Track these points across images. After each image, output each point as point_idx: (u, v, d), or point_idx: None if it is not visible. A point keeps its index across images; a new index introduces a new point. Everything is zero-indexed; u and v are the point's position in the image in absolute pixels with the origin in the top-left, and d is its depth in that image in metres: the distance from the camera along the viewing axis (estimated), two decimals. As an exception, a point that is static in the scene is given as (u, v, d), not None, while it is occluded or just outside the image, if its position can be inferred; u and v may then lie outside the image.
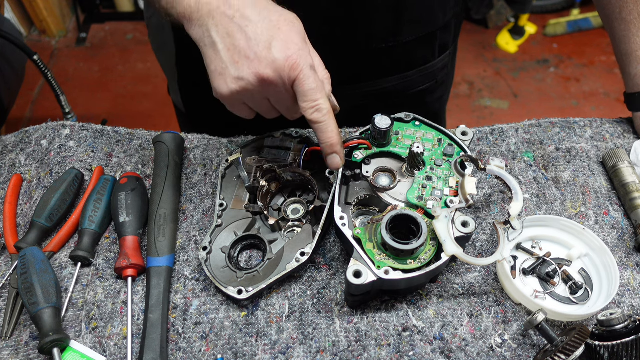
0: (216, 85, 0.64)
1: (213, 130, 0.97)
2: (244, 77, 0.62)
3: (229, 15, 0.62)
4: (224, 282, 0.73)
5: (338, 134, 0.67)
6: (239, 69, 0.62)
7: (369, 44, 0.94)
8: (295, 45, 0.62)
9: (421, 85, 1.08)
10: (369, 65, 1.00)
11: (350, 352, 0.70)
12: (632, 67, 0.93)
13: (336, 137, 0.67)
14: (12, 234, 0.80)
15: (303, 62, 0.62)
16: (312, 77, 0.63)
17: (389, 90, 1.04)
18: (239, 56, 0.62)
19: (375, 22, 0.91)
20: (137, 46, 3.28)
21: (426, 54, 1.04)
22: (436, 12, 0.97)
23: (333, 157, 0.69)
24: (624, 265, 0.79)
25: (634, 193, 0.83)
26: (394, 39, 0.95)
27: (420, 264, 0.67)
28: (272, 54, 0.61)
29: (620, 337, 0.61)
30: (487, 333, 0.71)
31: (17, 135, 0.95)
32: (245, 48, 0.61)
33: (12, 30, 1.73)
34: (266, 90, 0.64)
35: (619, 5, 0.91)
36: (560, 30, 3.42)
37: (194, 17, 0.64)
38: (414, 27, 0.95)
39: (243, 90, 0.63)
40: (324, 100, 0.64)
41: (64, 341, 0.68)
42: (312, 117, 0.65)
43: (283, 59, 0.61)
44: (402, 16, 0.92)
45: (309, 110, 0.64)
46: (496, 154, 0.93)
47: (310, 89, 0.63)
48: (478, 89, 3.07)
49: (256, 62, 0.61)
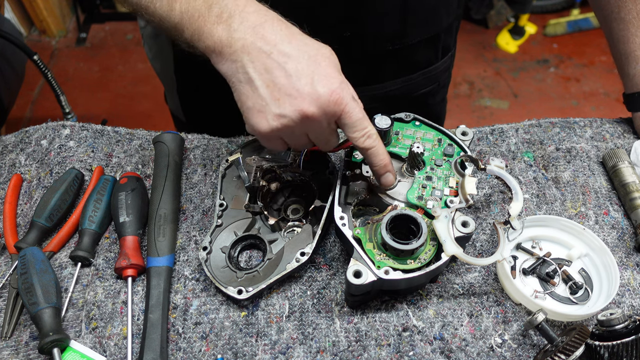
0: (254, 122, 0.63)
1: (213, 131, 0.97)
2: (287, 114, 0.61)
3: (265, 50, 0.60)
4: (224, 282, 0.73)
5: (387, 154, 0.69)
6: (280, 106, 0.60)
7: (376, 46, 0.95)
8: (336, 79, 0.61)
9: (424, 88, 1.09)
10: (375, 68, 1.00)
11: (350, 352, 0.70)
12: (631, 67, 0.93)
13: (387, 158, 0.69)
14: (12, 234, 0.80)
15: (346, 95, 0.62)
16: (357, 107, 0.63)
17: (393, 93, 1.05)
18: (280, 93, 0.60)
19: (383, 24, 0.91)
20: (137, 46, 3.28)
21: (430, 56, 1.05)
22: (441, 14, 0.98)
23: (387, 176, 0.70)
24: (624, 265, 0.79)
25: (634, 193, 0.83)
26: (400, 41, 0.95)
27: (420, 264, 0.67)
28: (315, 89, 0.60)
29: (620, 337, 0.61)
30: (487, 333, 0.71)
31: (17, 135, 0.95)
32: (287, 84, 0.60)
33: (12, 30, 1.73)
34: (308, 126, 0.63)
35: (617, 4, 0.91)
36: (560, 30, 3.42)
37: (226, 52, 0.61)
38: (420, 28, 0.96)
39: (284, 127, 0.62)
40: (371, 127, 0.65)
41: (64, 341, 0.68)
42: (365, 144, 0.65)
43: (327, 94, 0.60)
44: (409, 18, 0.92)
45: (361, 138, 0.65)
46: (496, 154, 0.93)
47: (358, 119, 0.63)
48: (478, 89, 3.07)
49: (299, 99, 0.60)
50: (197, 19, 0.63)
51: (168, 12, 0.64)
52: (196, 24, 0.63)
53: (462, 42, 3.30)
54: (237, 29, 0.61)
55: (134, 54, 3.23)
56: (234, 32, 0.61)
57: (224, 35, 0.61)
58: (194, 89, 1.07)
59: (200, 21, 0.62)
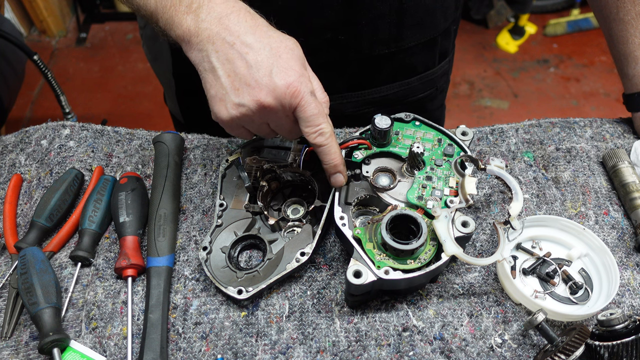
0: (216, 110, 0.65)
1: (212, 132, 0.97)
2: (245, 104, 0.63)
3: (229, 41, 0.62)
4: (224, 282, 0.73)
5: (340, 154, 0.70)
6: (239, 95, 0.63)
7: (372, 49, 0.95)
8: (295, 72, 0.63)
9: (422, 93, 1.09)
10: (371, 72, 1.00)
11: (350, 352, 0.70)
12: (631, 68, 0.93)
13: (339, 158, 0.70)
14: (12, 234, 0.80)
15: (304, 89, 0.63)
16: (314, 102, 0.64)
17: (390, 97, 1.05)
18: (240, 83, 0.62)
19: (379, 27, 0.91)
20: (137, 46, 3.28)
21: (427, 60, 1.04)
22: (437, 17, 0.97)
23: (337, 176, 0.71)
24: (624, 265, 0.79)
25: (634, 193, 0.83)
26: (395, 44, 0.95)
27: (420, 264, 0.67)
28: (272, 81, 0.62)
29: (620, 337, 0.61)
30: (487, 333, 0.71)
31: (17, 135, 0.95)
32: (246, 75, 0.62)
33: (12, 30, 1.73)
34: (266, 116, 0.65)
35: (616, 5, 0.91)
36: (560, 30, 3.42)
37: (193, 41, 0.64)
38: (416, 32, 0.96)
39: (243, 116, 0.64)
40: (326, 124, 0.66)
41: (64, 341, 0.68)
42: (315, 140, 0.67)
43: (284, 86, 0.62)
44: (405, 20, 0.92)
45: (312, 134, 0.66)
46: (496, 154, 0.93)
47: (312, 114, 0.64)
48: (478, 89, 3.07)
49: (257, 89, 0.62)
50: (169, 8, 0.65)
51: (144, 1, 0.67)
52: (168, 13, 0.65)
53: (462, 42, 3.30)
54: (204, 19, 0.63)
55: (134, 54, 3.23)
56: (201, 22, 0.63)
57: (192, 25, 0.63)
58: (192, 92, 1.07)
59: (171, 10, 0.64)
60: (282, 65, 0.62)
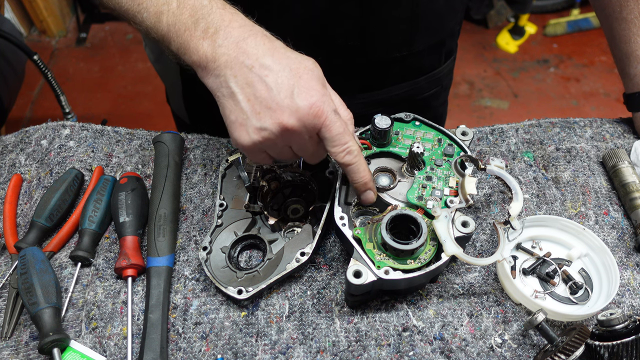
0: (236, 135, 0.63)
1: (215, 132, 0.97)
2: (267, 127, 0.61)
3: (247, 64, 0.61)
4: (224, 282, 0.73)
5: (369, 171, 0.68)
6: (261, 119, 0.61)
7: (384, 54, 0.95)
8: (317, 92, 0.61)
9: (428, 91, 1.10)
10: (381, 75, 1.01)
11: (350, 352, 0.70)
12: (632, 67, 0.93)
13: (368, 174, 0.68)
14: (12, 234, 0.80)
15: (327, 108, 0.61)
16: (338, 121, 0.62)
17: (398, 97, 1.05)
18: (261, 106, 0.60)
19: (392, 34, 0.92)
20: (137, 46, 3.28)
21: (434, 60, 1.05)
22: (446, 20, 0.98)
23: (368, 193, 0.69)
24: (624, 265, 0.79)
25: (634, 193, 0.83)
26: (407, 48, 0.96)
27: (420, 264, 0.67)
28: (294, 102, 0.60)
29: (620, 337, 0.61)
30: (487, 333, 0.71)
31: (17, 135, 0.95)
32: (267, 98, 0.60)
33: (12, 30, 1.73)
34: (289, 138, 0.63)
35: (619, 4, 0.91)
36: (560, 30, 3.42)
37: (210, 67, 0.62)
38: (427, 36, 0.96)
39: (265, 140, 0.62)
40: (352, 142, 0.64)
41: (64, 341, 0.68)
42: (344, 160, 0.65)
43: (307, 107, 0.60)
44: (417, 26, 0.93)
45: (340, 154, 0.64)
46: (496, 154, 0.93)
47: (338, 133, 0.62)
48: (478, 89, 3.07)
49: (279, 112, 0.60)
50: (183, 32, 0.62)
51: (155, 23, 0.64)
52: (182, 38, 0.63)
53: (462, 42, 3.29)
54: (221, 44, 0.61)
55: (134, 54, 3.23)
56: (218, 48, 0.61)
57: (209, 51, 0.61)
58: (199, 92, 1.07)
59: (186, 35, 0.62)
60: (303, 86, 0.61)
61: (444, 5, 0.94)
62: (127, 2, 0.65)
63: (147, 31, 0.66)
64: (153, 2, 0.64)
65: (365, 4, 0.85)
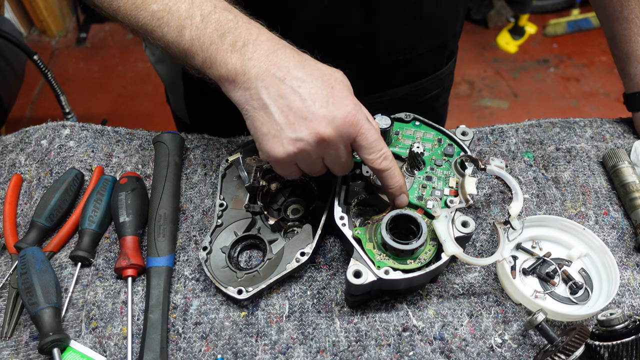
0: (269, 148, 0.62)
1: (213, 131, 0.97)
2: (303, 138, 0.60)
3: (279, 76, 0.60)
4: (224, 282, 0.73)
5: (402, 175, 0.68)
6: (296, 130, 0.60)
7: (388, 57, 0.96)
8: (350, 101, 0.61)
9: (430, 93, 1.10)
10: (384, 77, 1.01)
11: (350, 352, 0.70)
12: (632, 67, 0.93)
13: (402, 179, 0.68)
14: (12, 234, 0.80)
15: (361, 117, 0.61)
16: (372, 129, 0.63)
17: (400, 98, 1.06)
18: (295, 117, 0.59)
19: (396, 37, 0.92)
20: (137, 46, 3.28)
21: (436, 63, 1.06)
22: (448, 23, 0.99)
23: (402, 197, 0.69)
24: (624, 265, 0.79)
25: (634, 193, 0.83)
26: (410, 51, 0.96)
27: (420, 264, 0.67)
28: (330, 112, 0.59)
29: (620, 337, 0.61)
30: (487, 333, 0.71)
31: (17, 135, 0.95)
32: (302, 108, 0.59)
33: (12, 30, 1.73)
34: (324, 149, 0.62)
35: (620, 3, 0.91)
36: (560, 30, 3.42)
37: (240, 80, 0.61)
38: (431, 39, 0.97)
39: (300, 152, 0.61)
40: (387, 148, 0.65)
41: (64, 341, 0.68)
42: (381, 166, 0.64)
43: (342, 116, 0.60)
44: (421, 29, 0.93)
45: (377, 160, 0.64)
46: (496, 154, 0.93)
47: (374, 140, 0.63)
48: (478, 89, 3.07)
49: (315, 122, 0.59)
50: (209, 46, 0.62)
51: (177, 38, 0.63)
52: (208, 52, 0.62)
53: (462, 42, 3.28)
54: (251, 57, 0.61)
55: (134, 54, 3.23)
56: (248, 61, 0.61)
57: (238, 64, 0.61)
58: (202, 93, 1.07)
59: (212, 49, 0.62)
60: (337, 96, 0.61)
61: (446, 7, 0.94)
62: (144, 17, 0.64)
63: (167, 46, 0.65)
64: (174, 17, 0.63)
65: (370, 7, 0.85)
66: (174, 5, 0.63)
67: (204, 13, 0.63)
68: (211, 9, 0.63)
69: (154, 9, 0.64)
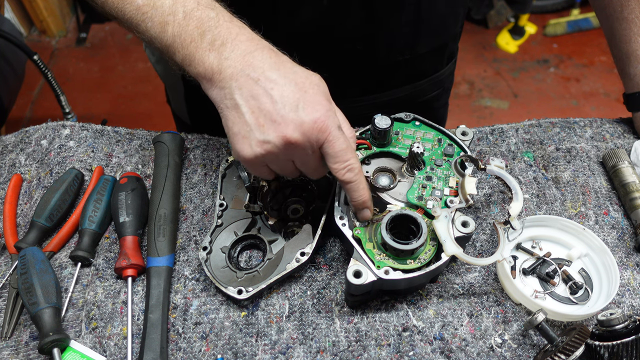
0: (239, 148, 0.62)
1: (213, 132, 0.97)
2: (270, 140, 0.60)
3: (253, 77, 0.60)
4: (224, 282, 0.73)
5: (368, 190, 0.67)
6: (264, 132, 0.60)
7: (388, 58, 0.96)
8: (322, 107, 0.61)
9: (430, 93, 1.10)
10: (384, 78, 1.01)
11: (350, 352, 0.70)
12: (632, 67, 0.93)
13: (367, 193, 0.67)
14: (12, 234, 0.80)
15: (331, 124, 0.61)
16: (342, 137, 0.62)
17: (400, 99, 1.06)
18: (265, 119, 0.60)
19: (396, 38, 0.92)
20: (137, 46, 3.28)
21: (437, 63, 1.06)
22: (449, 24, 0.99)
23: (365, 211, 0.69)
24: (624, 265, 0.79)
25: (634, 193, 0.83)
26: (410, 51, 0.96)
27: (420, 264, 0.67)
28: (299, 116, 0.59)
29: (620, 337, 0.61)
30: (487, 333, 0.71)
31: (17, 135, 0.95)
32: (272, 111, 0.59)
33: (12, 30, 1.73)
34: (292, 152, 0.62)
35: (620, 4, 0.91)
36: (560, 30, 3.42)
37: (216, 79, 0.61)
38: (430, 39, 0.97)
39: (268, 154, 0.61)
40: (354, 160, 0.64)
41: (64, 341, 0.68)
42: (344, 177, 0.64)
43: (311, 122, 0.59)
44: (421, 30, 0.93)
45: (341, 170, 0.63)
46: (496, 154, 0.93)
47: (340, 149, 0.62)
48: (478, 89, 3.07)
49: (283, 125, 0.59)
50: (189, 44, 0.62)
51: (159, 33, 0.64)
52: (188, 49, 0.62)
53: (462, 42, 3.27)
54: (228, 56, 0.61)
55: (134, 54, 3.23)
56: (225, 60, 0.61)
57: (215, 63, 0.61)
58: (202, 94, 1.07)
59: (192, 47, 0.62)
60: (309, 100, 0.60)
61: (445, 8, 0.94)
62: (130, 11, 0.65)
63: (151, 40, 0.65)
64: (158, 12, 0.63)
65: (369, 7, 0.85)
66: (159, 0, 0.63)
67: (186, 10, 0.63)
68: (194, 5, 0.63)
69: (139, 3, 0.64)
